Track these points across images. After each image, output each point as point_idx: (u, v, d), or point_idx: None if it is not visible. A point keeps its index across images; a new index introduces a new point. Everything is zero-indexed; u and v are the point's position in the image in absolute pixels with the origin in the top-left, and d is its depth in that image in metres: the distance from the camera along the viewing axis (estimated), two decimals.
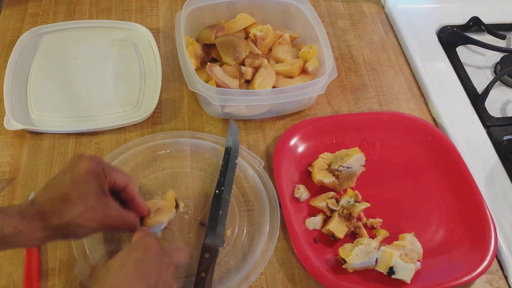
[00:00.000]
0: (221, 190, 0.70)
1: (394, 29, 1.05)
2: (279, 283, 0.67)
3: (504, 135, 0.87)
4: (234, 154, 0.75)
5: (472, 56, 1.02)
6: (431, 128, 0.85)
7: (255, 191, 0.74)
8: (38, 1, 0.99)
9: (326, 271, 0.67)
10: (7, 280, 0.64)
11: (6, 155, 0.76)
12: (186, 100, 0.86)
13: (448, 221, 0.75)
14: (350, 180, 0.76)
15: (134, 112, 0.82)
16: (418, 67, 0.96)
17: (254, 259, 0.67)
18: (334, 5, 1.08)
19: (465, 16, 1.05)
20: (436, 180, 0.80)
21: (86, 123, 0.80)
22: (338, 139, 0.83)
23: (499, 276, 0.71)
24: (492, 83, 0.92)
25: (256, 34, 0.87)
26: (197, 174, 0.76)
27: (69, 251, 0.67)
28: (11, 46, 0.87)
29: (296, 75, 0.85)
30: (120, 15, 0.98)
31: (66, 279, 0.65)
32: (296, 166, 0.79)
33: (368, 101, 0.91)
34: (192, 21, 0.88)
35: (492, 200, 0.78)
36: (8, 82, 0.82)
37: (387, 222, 0.74)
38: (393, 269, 0.65)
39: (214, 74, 0.80)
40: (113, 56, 0.90)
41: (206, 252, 0.64)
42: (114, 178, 0.58)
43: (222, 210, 0.69)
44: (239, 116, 0.83)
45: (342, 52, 0.99)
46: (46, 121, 0.80)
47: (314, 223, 0.72)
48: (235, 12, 0.91)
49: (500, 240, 0.73)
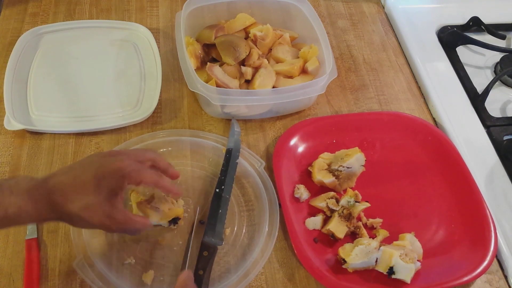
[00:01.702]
0: (222, 189, 0.71)
1: (394, 29, 1.05)
2: (279, 283, 0.67)
3: (504, 135, 0.87)
4: (236, 154, 0.76)
5: (472, 56, 1.02)
6: (431, 128, 0.85)
7: (255, 191, 0.74)
8: (38, 1, 0.99)
9: (326, 271, 0.67)
10: (7, 280, 0.64)
11: (6, 155, 0.76)
12: (186, 100, 0.86)
13: (448, 221, 0.75)
14: (350, 180, 0.76)
15: (134, 112, 0.82)
16: (418, 67, 0.96)
17: (253, 258, 0.67)
18: (334, 5, 1.08)
19: (465, 16, 1.05)
20: (436, 180, 0.80)
21: (86, 123, 0.80)
22: (338, 139, 0.83)
23: (499, 276, 0.71)
24: (492, 83, 0.92)
25: (256, 34, 0.87)
26: (197, 173, 0.76)
27: (69, 251, 0.67)
28: (11, 46, 0.87)
29: (296, 75, 0.85)
30: (120, 15, 0.98)
31: (66, 279, 0.65)
32: (296, 166, 0.79)
33: (368, 101, 0.91)
34: (192, 21, 0.88)
35: (492, 200, 0.78)
36: (8, 82, 0.82)
37: (387, 222, 0.74)
38: (393, 269, 0.65)
39: (214, 74, 0.80)
40: (113, 56, 0.90)
41: (205, 250, 0.65)
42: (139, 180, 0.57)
43: (222, 209, 0.69)
44: (239, 116, 0.83)
45: (342, 52, 0.99)
46: (46, 121, 0.80)
47: (314, 223, 0.72)
48: (235, 12, 0.91)
49: (500, 240, 0.73)
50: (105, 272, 0.63)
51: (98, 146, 0.78)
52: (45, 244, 0.67)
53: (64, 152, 0.77)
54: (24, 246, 0.66)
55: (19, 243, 0.67)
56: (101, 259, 0.65)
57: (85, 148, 0.78)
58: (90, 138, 0.79)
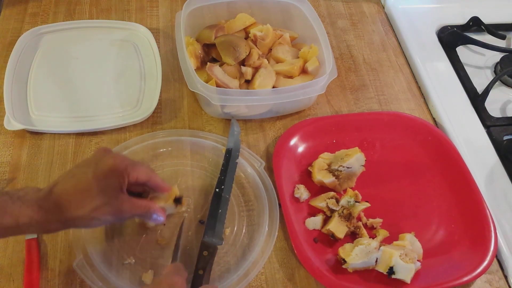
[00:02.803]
0: (221, 189, 0.71)
1: (394, 29, 1.05)
2: (279, 283, 0.67)
3: (504, 135, 0.87)
4: (235, 154, 0.76)
5: (472, 56, 1.02)
6: (431, 128, 0.85)
7: (255, 191, 0.74)
8: (38, 1, 0.99)
9: (326, 271, 0.67)
10: (7, 280, 0.64)
11: (6, 155, 0.76)
12: (186, 100, 0.86)
13: (448, 221, 0.75)
14: (350, 180, 0.76)
15: (134, 112, 0.82)
16: (418, 67, 0.96)
17: (253, 258, 0.67)
18: (334, 5, 1.08)
19: (465, 16, 1.05)
20: (436, 180, 0.80)
21: (86, 123, 0.80)
22: (338, 139, 0.83)
23: (499, 276, 0.71)
24: (492, 83, 0.92)
25: (256, 34, 0.87)
26: (197, 173, 0.76)
27: (69, 251, 0.67)
28: (11, 46, 0.87)
29: (296, 75, 0.85)
30: (120, 15, 0.98)
31: (66, 279, 0.65)
32: (296, 166, 0.79)
33: (368, 101, 0.91)
34: (192, 21, 0.88)
35: (492, 200, 0.78)
36: (8, 82, 0.82)
37: (387, 222, 0.74)
38: (393, 269, 0.65)
39: (214, 74, 0.80)
40: (113, 56, 0.90)
41: (205, 250, 0.65)
42: (135, 176, 0.59)
43: (221, 208, 0.69)
44: (239, 116, 0.83)
45: (342, 52, 0.99)
46: (46, 121, 0.80)
47: (314, 223, 0.72)
48: (235, 12, 0.91)
49: (500, 240, 0.73)
50: (105, 272, 0.63)
51: (98, 146, 0.78)
52: (45, 244, 0.67)
53: (64, 152, 0.77)
54: (24, 246, 0.66)
55: (19, 243, 0.67)
56: (101, 259, 0.65)
57: (85, 148, 0.78)
58: (90, 138, 0.79)
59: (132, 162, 0.60)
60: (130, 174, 0.59)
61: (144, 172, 0.61)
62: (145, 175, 0.61)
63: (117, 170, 0.57)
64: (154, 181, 0.63)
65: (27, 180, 0.73)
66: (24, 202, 0.54)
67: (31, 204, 0.54)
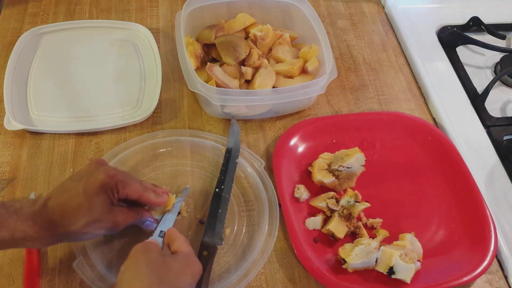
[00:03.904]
0: (221, 189, 0.71)
1: (394, 29, 1.05)
2: (279, 283, 0.67)
3: (504, 135, 0.87)
4: (235, 154, 0.76)
5: (472, 56, 1.02)
6: (431, 128, 0.85)
7: (255, 191, 0.74)
8: (38, 1, 0.99)
9: (326, 271, 0.67)
10: (7, 280, 0.64)
11: (6, 155, 0.76)
12: (186, 100, 0.86)
13: (448, 221, 0.75)
14: (350, 180, 0.76)
15: (134, 112, 0.82)
16: (418, 67, 0.96)
17: (253, 258, 0.67)
18: (334, 5, 1.08)
19: (465, 16, 1.05)
20: (436, 180, 0.80)
21: (86, 123, 0.80)
22: (338, 139, 0.83)
23: (499, 276, 0.71)
24: (492, 83, 0.92)
25: (256, 34, 0.87)
26: (197, 173, 0.76)
27: (69, 251, 0.67)
28: (11, 46, 0.87)
29: (296, 75, 0.85)
30: (120, 15, 0.98)
31: (66, 279, 0.65)
32: (296, 166, 0.79)
33: (368, 101, 0.91)
34: (192, 21, 0.88)
35: (492, 200, 0.78)
36: (8, 82, 0.82)
37: (387, 222, 0.74)
38: (393, 269, 0.65)
39: (214, 74, 0.80)
40: (113, 56, 0.90)
41: (205, 250, 0.65)
42: (125, 193, 0.59)
43: (221, 208, 0.69)
44: (239, 116, 0.83)
45: (342, 52, 0.99)
46: (46, 121, 0.80)
47: (314, 223, 0.72)
48: (235, 12, 0.91)
49: (500, 240, 0.73)
50: (105, 272, 0.63)
51: (98, 146, 0.78)
52: None
53: (64, 152, 0.77)
54: None
55: None
56: (101, 259, 0.65)
57: (85, 148, 0.78)
58: (90, 138, 0.79)
59: (123, 179, 0.59)
60: (120, 191, 0.59)
61: (134, 190, 0.60)
62: (135, 193, 0.60)
63: (107, 186, 0.57)
64: (145, 198, 0.62)
65: (27, 180, 0.73)
66: (20, 216, 0.54)
67: (26, 219, 0.54)
